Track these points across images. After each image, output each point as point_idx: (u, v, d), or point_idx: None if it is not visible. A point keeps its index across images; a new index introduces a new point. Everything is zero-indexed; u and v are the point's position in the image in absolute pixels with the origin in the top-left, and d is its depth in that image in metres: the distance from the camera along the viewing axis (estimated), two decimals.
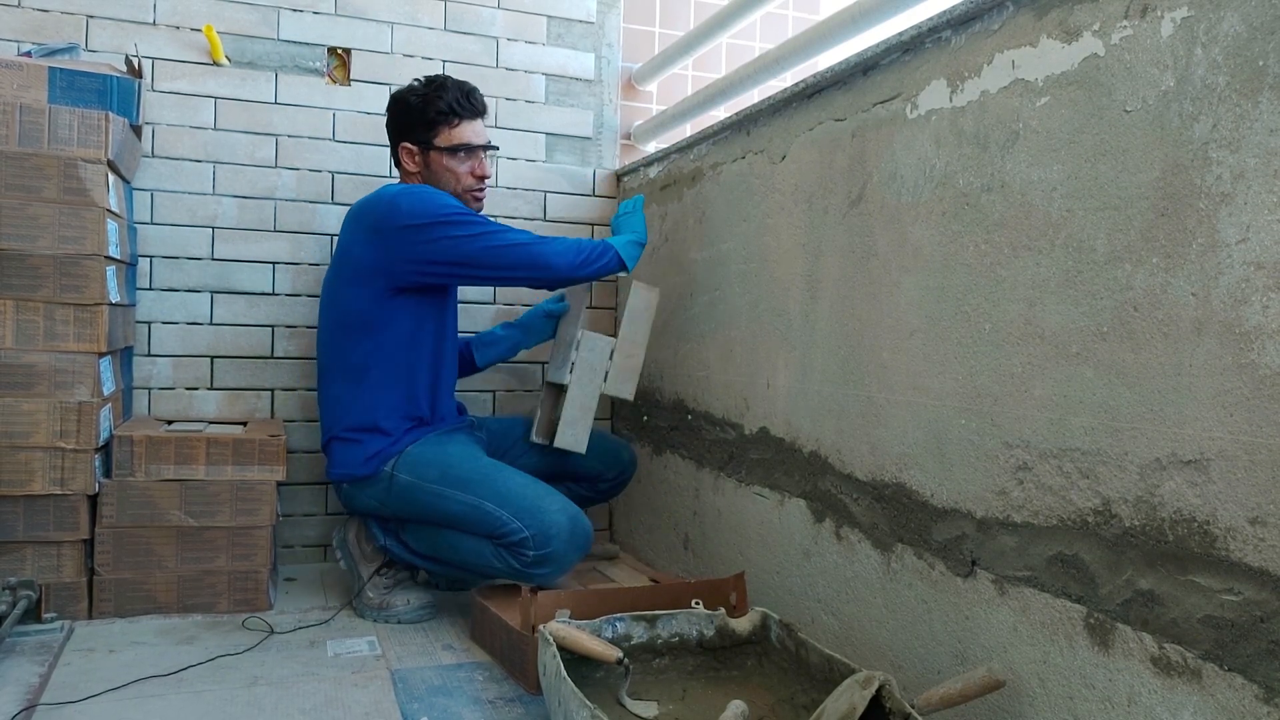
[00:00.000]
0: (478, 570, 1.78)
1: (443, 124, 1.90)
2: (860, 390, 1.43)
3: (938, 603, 1.26)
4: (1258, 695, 0.85)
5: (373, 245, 1.81)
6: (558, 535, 1.69)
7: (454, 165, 1.92)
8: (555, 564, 1.70)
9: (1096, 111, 1.02)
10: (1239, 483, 0.87)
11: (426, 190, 1.84)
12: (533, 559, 1.69)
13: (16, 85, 1.74)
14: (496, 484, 1.75)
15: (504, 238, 1.80)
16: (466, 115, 1.92)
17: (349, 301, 1.85)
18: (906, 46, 1.33)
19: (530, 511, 1.70)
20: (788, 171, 1.65)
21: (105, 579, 1.78)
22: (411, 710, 1.43)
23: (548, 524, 1.69)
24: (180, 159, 2.15)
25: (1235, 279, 0.87)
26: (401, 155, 1.94)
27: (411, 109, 1.90)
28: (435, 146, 1.91)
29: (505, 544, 1.71)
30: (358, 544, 1.92)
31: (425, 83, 1.93)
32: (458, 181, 1.93)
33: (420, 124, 1.90)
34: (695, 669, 1.45)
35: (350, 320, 1.85)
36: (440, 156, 1.91)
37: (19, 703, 1.39)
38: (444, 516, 1.78)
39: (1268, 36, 0.85)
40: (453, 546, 1.79)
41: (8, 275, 1.68)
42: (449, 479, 1.78)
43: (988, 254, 1.18)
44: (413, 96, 1.91)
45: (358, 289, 1.83)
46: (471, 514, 1.74)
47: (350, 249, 1.86)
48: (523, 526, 1.69)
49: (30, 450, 1.69)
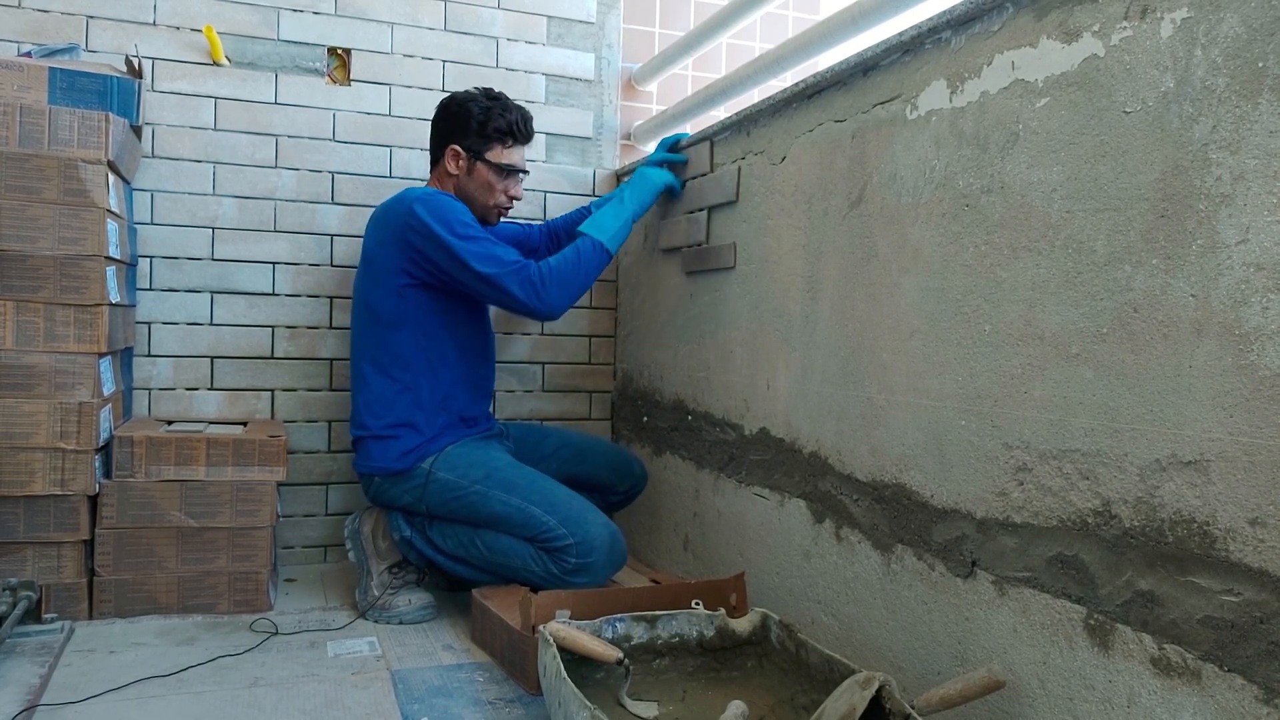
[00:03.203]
0: (510, 570, 1.81)
1: (498, 141, 1.95)
2: (860, 391, 1.43)
3: (938, 603, 1.26)
4: (1258, 696, 0.85)
5: (393, 245, 1.86)
6: (600, 547, 1.73)
7: (494, 181, 1.96)
8: (592, 574, 1.74)
9: (1096, 113, 1.02)
10: (1239, 484, 0.87)
11: (445, 200, 1.86)
12: (573, 566, 1.73)
13: (17, 86, 1.74)
14: (544, 490, 1.80)
15: (477, 254, 1.79)
16: (521, 140, 1.98)
17: (377, 300, 1.89)
18: (906, 47, 1.33)
19: (576, 521, 1.75)
20: (788, 172, 1.65)
21: (105, 579, 1.78)
22: (412, 711, 1.43)
23: (592, 535, 1.74)
24: (180, 159, 2.15)
25: (1235, 280, 0.87)
26: (446, 155, 1.96)
27: (472, 116, 1.93)
28: (485, 159, 1.95)
29: (548, 548, 1.75)
30: (373, 539, 1.93)
31: (488, 95, 1.96)
32: (492, 197, 1.98)
33: (478, 133, 1.94)
34: (695, 669, 1.45)
35: (380, 317, 1.89)
36: (486, 170, 1.95)
37: (19, 703, 1.39)
38: (486, 516, 1.81)
39: (1267, 38, 0.85)
40: (489, 546, 1.82)
41: (8, 276, 1.68)
42: (494, 480, 1.82)
43: (988, 255, 1.18)
44: (475, 105, 1.94)
45: (383, 287, 1.88)
46: (516, 515, 1.77)
47: (374, 249, 1.91)
48: (569, 534, 1.73)
49: (31, 451, 1.69)
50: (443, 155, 1.97)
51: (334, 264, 2.27)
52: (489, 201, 1.98)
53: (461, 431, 1.94)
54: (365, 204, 2.28)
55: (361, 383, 1.92)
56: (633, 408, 2.38)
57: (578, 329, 2.52)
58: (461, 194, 1.97)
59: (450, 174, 1.97)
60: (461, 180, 1.97)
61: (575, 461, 2.06)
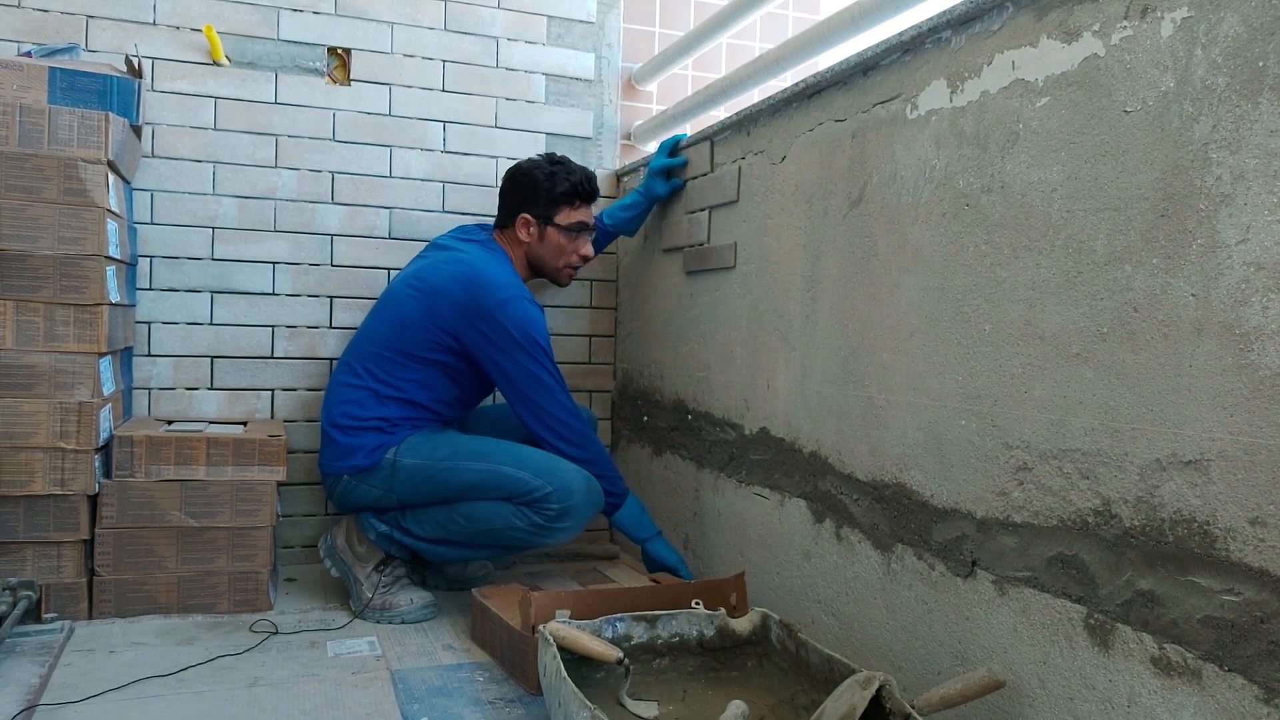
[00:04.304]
0: (494, 535, 1.83)
1: (565, 204, 2.00)
2: (860, 391, 1.43)
3: (938, 603, 1.26)
4: (1258, 696, 0.85)
5: (455, 322, 1.88)
6: (577, 490, 1.79)
7: (565, 243, 2.02)
8: (575, 517, 1.80)
9: (1096, 112, 1.02)
10: (1239, 483, 0.87)
11: (528, 309, 1.88)
12: (556, 512, 1.78)
13: (16, 86, 1.74)
14: (510, 450, 1.85)
15: (551, 397, 1.86)
16: (586, 200, 2.03)
17: (417, 343, 1.90)
18: (906, 47, 1.33)
19: (549, 471, 1.80)
20: (788, 172, 1.65)
21: (105, 579, 1.78)
22: (412, 711, 1.43)
23: (568, 480, 1.79)
24: (180, 159, 2.15)
25: (1235, 280, 0.87)
26: (518, 224, 2.01)
27: (539, 184, 1.99)
28: (555, 223, 2.00)
29: (527, 501, 1.79)
30: (349, 546, 1.92)
31: (550, 160, 2.03)
32: (564, 258, 2.04)
33: (546, 199, 1.99)
34: (695, 669, 1.45)
35: (409, 349, 1.90)
36: (557, 234, 2.01)
37: (19, 703, 1.39)
38: (459, 487, 1.83)
39: (1268, 37, 0.85)
40: (468, 516, 1.84)
41: (8, 276, 1.68)
42: (460, 453, 1.86)
43: (988, 255, 1.18)
44: (540, 172, 1.99)
45: (417, 341, 1.90)
46: (489, 478, 1.81)
47: (438, 307, 1.89)
48: (545, 484, 1.78)
49: (31, 451, 1.69)
50: (513, 223, 2.01)
51: (334, 264, 2.27)
52: (560, 263, 2.04)
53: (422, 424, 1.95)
54: (365, 204, 2.28)
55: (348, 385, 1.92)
56: (633, 407, 2.38)
57: (578, 329, 2.52)
58: (533, 258, 2.04)
59: (520, 241, 2.02)
60: (533, 246, 2.02)
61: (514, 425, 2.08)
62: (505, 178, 2.05)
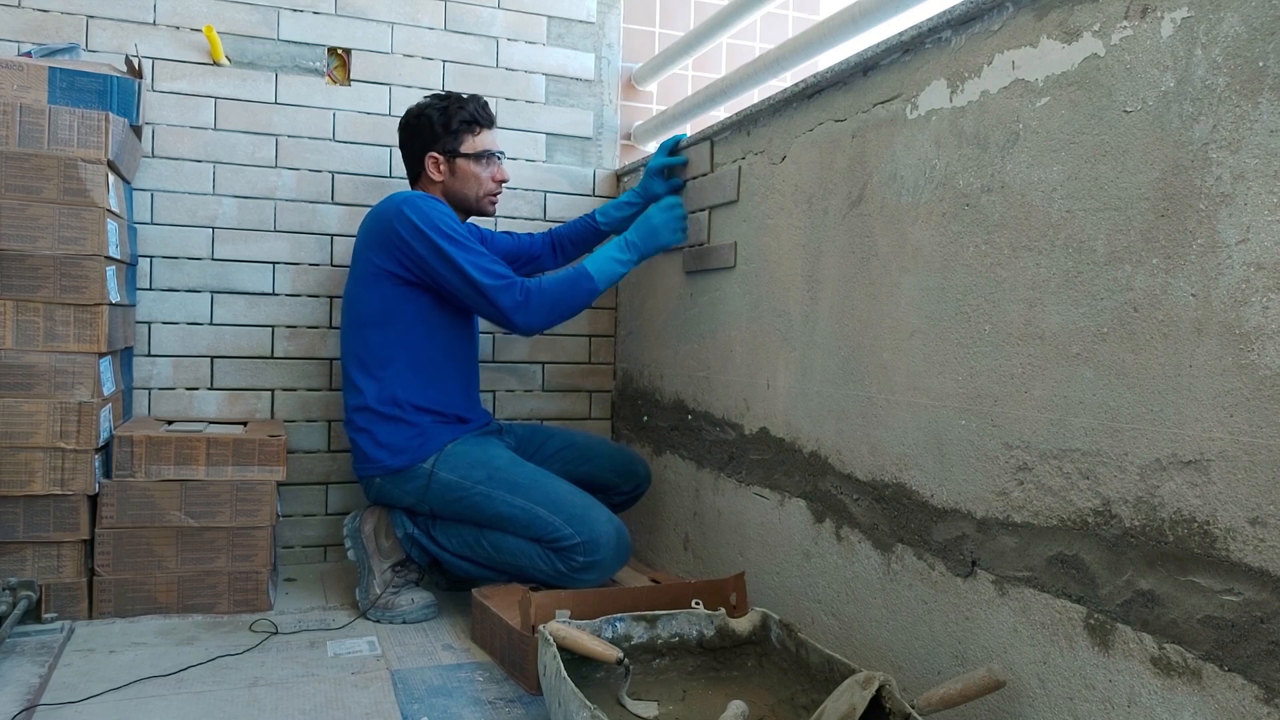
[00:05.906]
0: (517, 569, 1.82)
1: (466, 132, 1.99)
2: (860, 391, 1.43)
3: (938, 603, 1.26)
4: (1258, 696, 0.85)
5: (379, 244, 1.88)
6: (606, 544, 1.75)
7: (478, 170, 2.01)
8: (600, 571, 1.76)
9: (1096, 112, 1.02)
10: (1239, 483, 0.87)
11: (433, 203, 1.89)
12: (581, 565, 1.75)
13: (16, 85, 1.74)
14: (548, 490, 1.81)
15: (473, 263, 1.82)
16: (486, 124, 2.02)
17: (360, 299, 1.91)
18: (906, 47, 1.33)
19: (581, 519, 1.76)
20: (788, 172, 1.65)
21: (105, 579, 1.78)
22: (412, 711, 1.43)
23: (598, 533, 1.75)
24: (180, 159, 2.15)
25: (1235, 280, 0.87)
26: (427, 165, 2.00)
27: (434, 120, 1.98)
28: (461, 154, 1.99)
29: (555, 548, 1.76)
30: (375, 537, 1.92)
31: (439, 97, 2.01)
32: (480, 186, 2.02)
33: (445, 133, 1.98)
34: (695, 669, 1.45)
35: (362, 317, 1.91)
36: (466, 163, 1.99)
37: (19, 703, 1.39)
38: (490, 517, 1.82)
39: (1268, 37, 0.85)
40: (495, 546, 1.83)
41: (8, 276, 1.68)
42: (497, 481, 1.82)
43: (988, 255, 1.18)
44: (431, 110, 1.98)
45: (366, 286, 1.90)
46: (522, 516, 1.79)
47: (360, 251, 1.93)
48: (575, 533, 1.75)
49: (30, 451, 1.69)
50: (423, 168, 2.00)
51: (334, 264, 2.27)
52: (479, 192, 2.02)
53: (459, 429, 1.94)
54: (365, 204, 2.28)
55: (349, 385, 1.93)
56: (633, 407, 2.38)
57: (578, 329, 2.52)
58: (452, 194, 2.01)
59: (435, 181, 2.01)
60: (447, 183, 2.01)
61: (579, 462, 2.06)
62: (400, 129, 2.03)
